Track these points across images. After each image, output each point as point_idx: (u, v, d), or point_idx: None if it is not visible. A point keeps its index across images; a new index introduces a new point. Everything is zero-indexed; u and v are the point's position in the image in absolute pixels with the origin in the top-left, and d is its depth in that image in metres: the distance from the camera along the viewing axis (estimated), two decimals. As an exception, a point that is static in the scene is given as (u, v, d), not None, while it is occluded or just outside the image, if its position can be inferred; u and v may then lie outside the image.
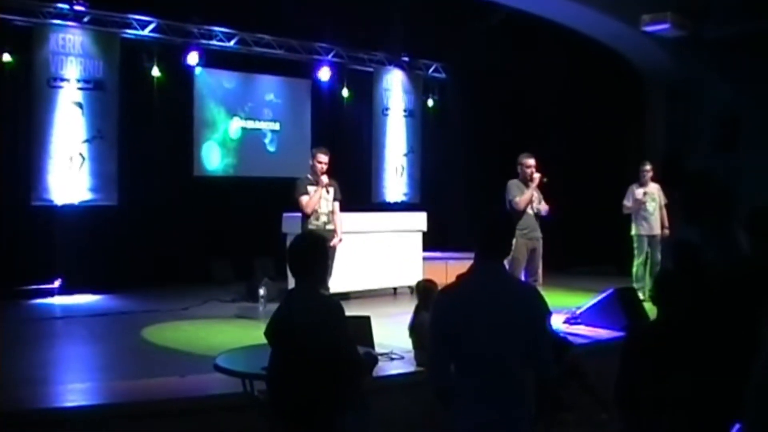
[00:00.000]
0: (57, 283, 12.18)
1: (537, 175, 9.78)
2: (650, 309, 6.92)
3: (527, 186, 9.79)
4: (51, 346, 8.96)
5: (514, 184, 9.86)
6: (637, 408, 4.53)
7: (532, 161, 9.88)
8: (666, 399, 4.35)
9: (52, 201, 12.32)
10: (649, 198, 12.28)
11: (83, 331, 9.99)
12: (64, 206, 12.41)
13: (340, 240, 9.52)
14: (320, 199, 9.38)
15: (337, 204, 9.57)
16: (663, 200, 12.37)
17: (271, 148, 15.50)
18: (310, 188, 9.40)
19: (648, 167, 12.38)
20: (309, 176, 9.55)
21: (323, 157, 9.51)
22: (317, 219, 9.35)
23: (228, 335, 9.23)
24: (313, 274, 4.57)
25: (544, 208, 10.01)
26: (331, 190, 9.53)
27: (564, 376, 6.23)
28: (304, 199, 9.35)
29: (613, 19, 14.06)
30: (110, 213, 12.93)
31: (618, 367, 4.67)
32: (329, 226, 9.39)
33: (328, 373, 4.28)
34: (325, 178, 9.45)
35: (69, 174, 12.46)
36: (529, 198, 9.73)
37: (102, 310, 11.22)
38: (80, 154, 12.57)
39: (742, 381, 3.23)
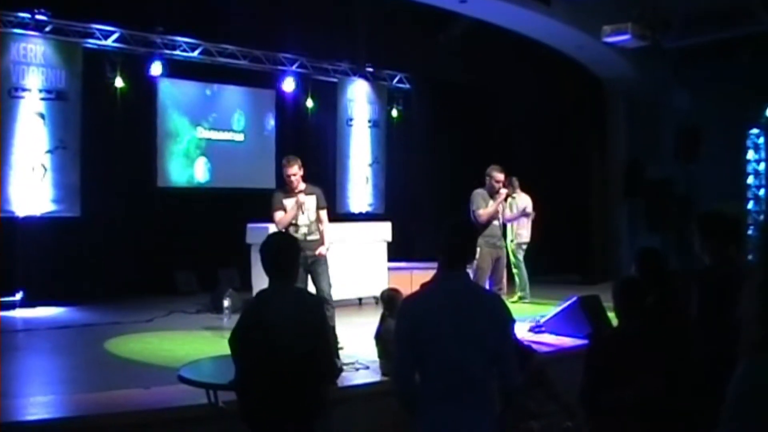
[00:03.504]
0: (19, 296, 12.02)
1: (504, 191, 9.77)
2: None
3: (492, 198, 9.75)
4: (13, 359, 8.83)
5: (479, 194, 9.81)
6: (602, 414, 4.57)
7: (501, 176, 9.83)
8: (629, 404, 4.40)
9: (13, 212, 12.16)
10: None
11: (45, 343, 9.89)
12: (25, 218, 12.27)
13: (327, 249, 8.97)
14: (297, 213, 8.78)
15: (323, 212, 9.01)
16: None
17: (235, 159, 15.42)
18: (286, 201, 8.82)
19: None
20: (285, 188, 8.94)
21: (291, 170, 8.81)
22: (296, 232, 8.71)
23: (192, 347, 9.17)
24: (288, 272, 4.54)
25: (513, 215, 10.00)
26: (313, 198, 8.92)
27: (529, 385, 6.26)
28: (277, 215, 8.79)
29: (575, 30, 14.24)
30: (73, 224, 12.80)
31: (582, 374, 4.71)
32: (311, 237, 8.85)
33: (303, 372, 4.24)
34: (302, 196, 8.80)
35: (31, 185, 12.31)
36: (492, 212, 9.69)
37: (64, 323, 11.11)
38: (42, 165, 12.43)
39: (703, 384, 3.26)
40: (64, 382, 7.91)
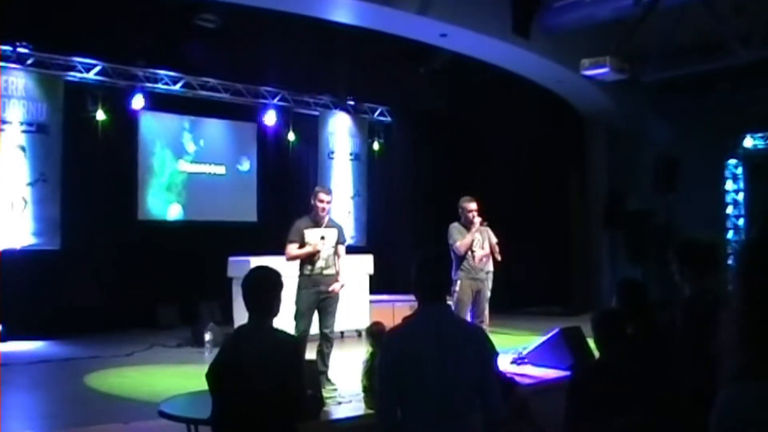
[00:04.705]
0: (-3, 330, 11.95)
1: (477, 219, 9.72)
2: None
3: (468, 230, 9.71)
4: (-9, 395, 8.78)
5: (455, 227, 9.76)
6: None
7: (473, 205, 9.76)
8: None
9: (-8, 246, 12.11)
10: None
11: (25, 378, 9.78)
12: (5, 251, 12.20)
13: (342, 285, 8.79)
14: (309, 251, 8.55)
15: (341, 248, 8.85)
16: None
17: (217, 192, 15.40)
18: (307, 231, 8.61)
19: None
20: (309, 217, 8.73)
21: (324, 197, 8.72)
22: (312, 265, 8.61)
23: (173, 381, 9.13)
24: (266, 308, 4.49)
25: (485, 253, 9.84)
26: (334, 231, 8.79)
27: (511, 417, 6.25)
28: (291, 248, 8.57)
29: (554, 64, 14.36)
30: (53, 258, 12.74)
31: (564, 406, 4.72)
32: (327, 271, 8.69)
33: (275, 411, 4.22)
34: (320, 244, 8.58)
35: (11, 218, 12.28)
36: (469, 243, 9.61)
37: (44, 357, 11.01)
38: (23, 198, 12.40)
39: (686, 413, 3.25)
40: (44, 417, 7.84)
